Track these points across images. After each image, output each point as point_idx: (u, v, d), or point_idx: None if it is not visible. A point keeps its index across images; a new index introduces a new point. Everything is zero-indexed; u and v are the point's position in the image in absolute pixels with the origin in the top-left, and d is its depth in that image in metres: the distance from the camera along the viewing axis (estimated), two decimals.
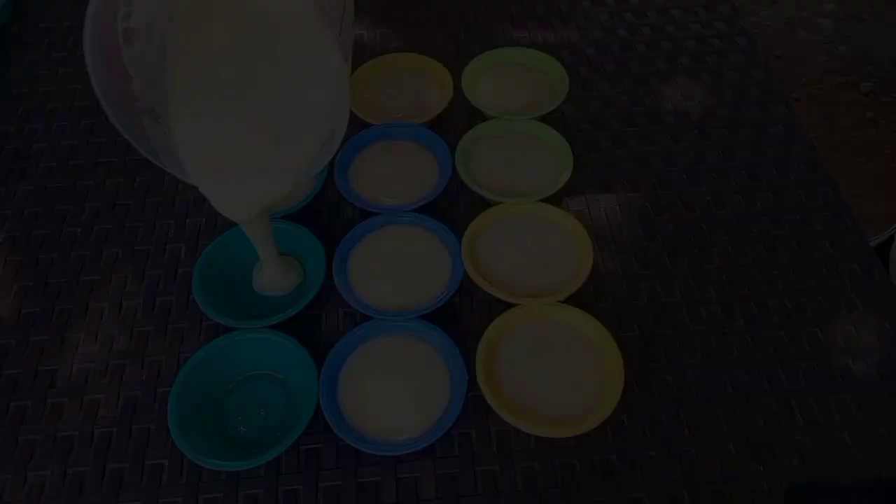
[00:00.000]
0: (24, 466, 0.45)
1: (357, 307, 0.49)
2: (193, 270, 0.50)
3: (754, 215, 0.57)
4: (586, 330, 0.48)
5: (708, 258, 0.54)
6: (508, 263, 0.51)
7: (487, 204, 0.55)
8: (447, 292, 0.49)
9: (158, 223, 0.58)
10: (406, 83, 0.64)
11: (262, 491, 0.44)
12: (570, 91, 0.61)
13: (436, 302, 0.49)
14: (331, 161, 0.57)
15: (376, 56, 0.67)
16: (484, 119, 0.62)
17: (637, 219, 0.57)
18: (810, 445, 0.45)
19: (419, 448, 0.43)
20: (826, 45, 1.69)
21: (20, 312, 0.53)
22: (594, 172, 0.60)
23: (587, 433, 0.43)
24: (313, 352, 0.46)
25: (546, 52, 0.65)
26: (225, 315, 0.48)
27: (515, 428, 0.43)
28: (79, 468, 0.45)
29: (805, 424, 0.46)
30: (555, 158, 0.58)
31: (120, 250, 0.56)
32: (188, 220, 0.58)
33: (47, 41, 0.73)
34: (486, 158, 0.58)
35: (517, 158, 0.57)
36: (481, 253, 0.52)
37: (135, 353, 0.50)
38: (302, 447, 0.46)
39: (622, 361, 0.45)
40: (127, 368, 0.50)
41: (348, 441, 0.43)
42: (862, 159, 1.47)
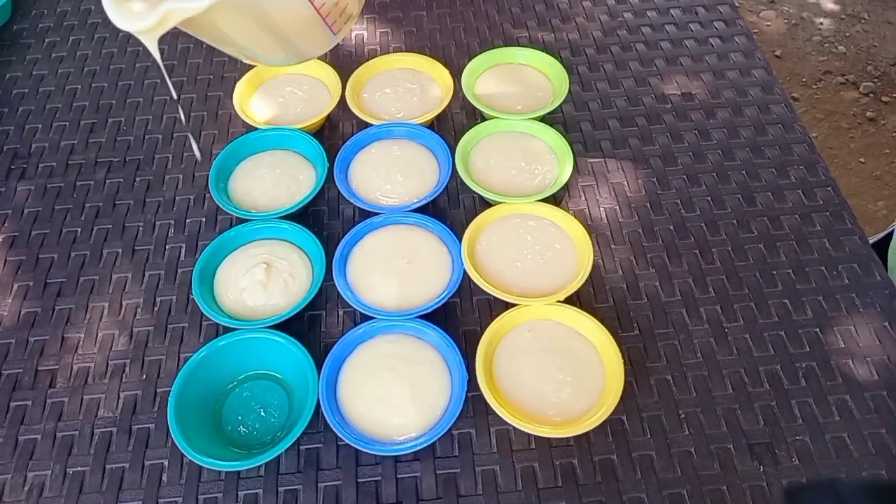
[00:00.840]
0: (24, 466, 0.46)
1: (357, 307, 0.49)
2: (193, 270, 0.51)
3: (754, 215, 0.57)
4: (586, 330, 0.48)
5: (708, 258, 0.54)
6: (508, 263, 0.51)
7: (487, 204, 0.55)
8: (447, 292, 0.49)
9: (158, 223, 0.58)
10: (406, 83, 0.64)
11: (262, 491, 0.44)
12: (570, 91, 0.61)
13: (436, 302, 0.49)
14: (331, 161, 0.57)
15: (376, 56, 0.67)
16: (484, 119, 0.62)
17: (637, 219, 0.57)
18: (810, 445, 0.45)
19: (419, 448, 0.43)
20: (826, 45, 1.69)
21: (20, 312, 0.53)
22: (594, 172, 0.60)
23: (587, 433, 0.43)
24: (313, 352, 0.46)
25: (546, 52, 0.65)
26: (225, 315, 0.49)
27: (515, 428, 0.43)
28: (79, 468, 0.45)
29: (805, 424, 0.46)
30: (555, 158, 0.58)
31: (120, 250, 0.56)
32: (188, 220, 0.58)
33: (47, 41, 0.73)
34: (486, 158, 0.58)
35: (517, 158, 0.57)
36: (481, 253, 0.52)
37: (135, 353, 0.50)
38: (302, 447, 0.46)
39: (622, 361, 0.45)
40: (127, 368, 0.50)
41: (348, 441, 0.43)
42: (862, 159, 1.48)
